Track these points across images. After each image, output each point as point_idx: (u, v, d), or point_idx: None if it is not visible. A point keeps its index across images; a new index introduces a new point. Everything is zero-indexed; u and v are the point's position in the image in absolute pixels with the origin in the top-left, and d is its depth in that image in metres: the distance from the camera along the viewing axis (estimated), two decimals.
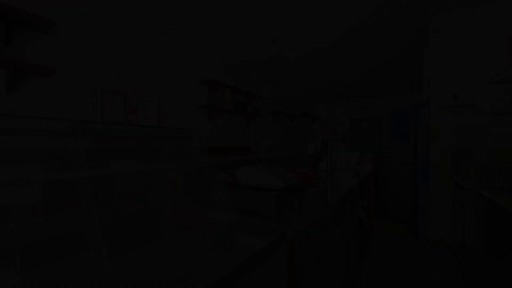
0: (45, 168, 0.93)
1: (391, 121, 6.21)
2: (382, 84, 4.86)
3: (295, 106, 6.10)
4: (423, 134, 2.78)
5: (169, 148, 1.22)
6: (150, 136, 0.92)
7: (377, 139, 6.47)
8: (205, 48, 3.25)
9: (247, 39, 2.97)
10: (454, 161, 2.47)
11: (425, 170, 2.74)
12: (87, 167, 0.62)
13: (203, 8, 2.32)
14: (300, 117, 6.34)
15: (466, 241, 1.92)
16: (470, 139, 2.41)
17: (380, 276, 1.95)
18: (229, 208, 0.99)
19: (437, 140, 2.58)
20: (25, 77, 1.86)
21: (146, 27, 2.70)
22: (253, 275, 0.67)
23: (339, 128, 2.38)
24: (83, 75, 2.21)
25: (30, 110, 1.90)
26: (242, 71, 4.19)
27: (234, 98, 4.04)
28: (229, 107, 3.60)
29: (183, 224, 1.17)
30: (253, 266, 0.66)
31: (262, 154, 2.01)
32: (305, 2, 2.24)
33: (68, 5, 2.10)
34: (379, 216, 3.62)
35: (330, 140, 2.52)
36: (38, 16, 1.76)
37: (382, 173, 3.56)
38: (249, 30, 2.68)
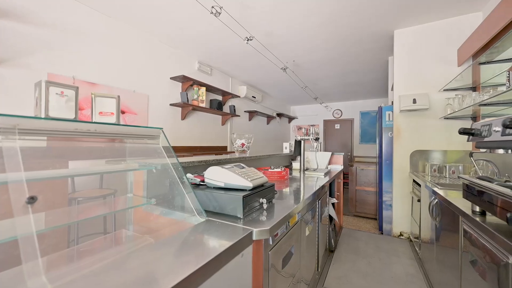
0: None
1: (361, 123, 6.62)
2: (354, 88, 5.13)
3: (272, 107, 6.17)
4: (387, 135, 2.99)
5: (131, 147, 1.14)
6: (106, 134, 0.85)
7: (349, 139, 6.85)
8: (180, 44, 3.13)
9: (222, 37, 2.92)
10: (412, 160, 2.69)
11: (389, 169, 2.95)
12: (25, 168, 0.55)
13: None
14: (277, 118, 6.45)
15: (421, 233, 2.11)
16: (426, 141, 2.65)
17: (346, 265, 2.05)
18: (195, 210, 0.96)
19: (399, 140, 2.80)
20: None
21: (112, 15, 2.52)
22: (218, 276, 0.65)
23: (312, 129, 2.45)
24: (31, 64, 1.99)
25: None
26: (218, 69, 4.12)
27: (210, 97, 3.96)
28: (204, 106, 3.52)
29: (147, 226, 1.11)
30: (216, 268, 0.65)
31: (236, 154, 2.00)
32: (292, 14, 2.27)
33: None
34: (348, 212, 3.82)
35: (303, 140, 2.59)
36: None
37: (352, 171, 3.76)
38: (224, 28, 2.63)
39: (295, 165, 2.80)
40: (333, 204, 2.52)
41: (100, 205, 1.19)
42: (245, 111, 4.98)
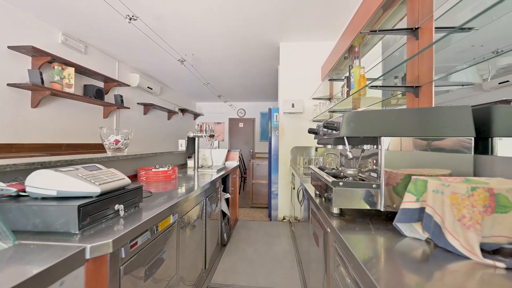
0: None
1: (261, 122, 7.34)
2: (254, 90, 5.58)
3: (174, 101, 5.71)
4: (275, 134, 3.43)
5: None
6: None
7: (251, 137, 7.44)
8: (26, 1, 2.26)
9: (98, 8, 2.36)
10: (292, 155, 3.22)
11: (276, 163, 3.39)
12: None
13: None
14: (180, 113, 6.05)
15: (295, 215, 2.55)
16: (302, 138, 3.23)
17: (235, 256, 2.17)
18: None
19: (283, 138, 3.27)
20: None
21: None
22: None
23: (206, 125, 2.42)
24: None
25: None
26: (97, 48, 3.33)
27: (84, 81, 3.14)
28: (72, 92, 2.73)
29: None
30: None
31: (109, 153, 1.66)
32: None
33: None
34: (246, 204, 4.12)
35: (197, 137, 2.51)
36: None
37: (250, 166, 4.06)
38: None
39: (190, 163, 2.69)
40: (226, 199, 2.61)
41: None
42: (138, 103, 4.33)
